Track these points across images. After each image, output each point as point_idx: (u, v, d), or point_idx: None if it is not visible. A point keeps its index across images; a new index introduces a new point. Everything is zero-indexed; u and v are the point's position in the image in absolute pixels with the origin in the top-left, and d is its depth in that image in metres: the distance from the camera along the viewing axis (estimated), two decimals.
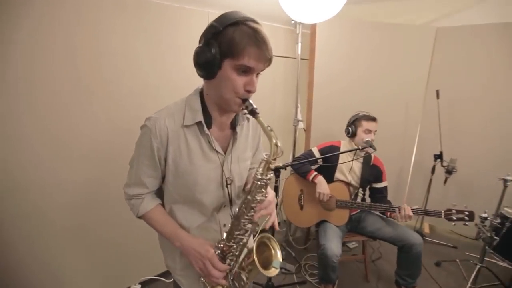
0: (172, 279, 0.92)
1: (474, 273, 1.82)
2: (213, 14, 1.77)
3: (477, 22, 2.24)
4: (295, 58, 2.09)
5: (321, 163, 1.86)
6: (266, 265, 0.80)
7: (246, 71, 0.69)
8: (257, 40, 0.67)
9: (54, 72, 1.29)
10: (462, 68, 2.29)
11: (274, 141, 0.72)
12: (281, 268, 0.79)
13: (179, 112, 0.78)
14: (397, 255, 1.76)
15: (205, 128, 0.77)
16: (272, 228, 0.86)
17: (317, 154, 1.83)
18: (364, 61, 2.26)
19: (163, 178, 0.83)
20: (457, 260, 2.14)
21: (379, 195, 1.85)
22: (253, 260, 0.75)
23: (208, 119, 0.78)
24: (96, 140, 1.46)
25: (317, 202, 1.77)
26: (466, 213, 1.54)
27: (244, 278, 0.80)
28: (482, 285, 1.84)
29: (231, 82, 0.70)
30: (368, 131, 1.71)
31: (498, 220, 1.70)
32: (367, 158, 1.80)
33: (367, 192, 1.93)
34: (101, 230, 1.57)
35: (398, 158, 2.55)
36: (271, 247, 0.83)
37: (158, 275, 1.88)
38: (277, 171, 1.52)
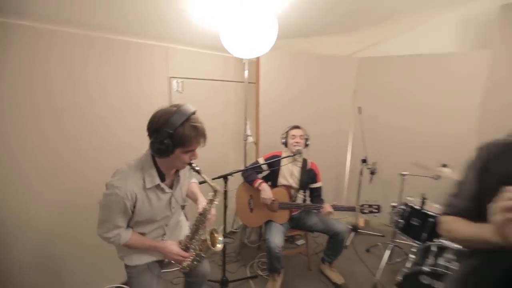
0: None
1: (389, 252, 2.29)
2: (172, 48, 2.07)
3: (391, 53, 2.84)
4: (243, 82, 2.45)
5: (268, 171, 2.21)
6: (214, 245, 1.24)
7: (191, 151, 1.08)
8: (198, 133, 1.04)
9: (34, 98, 1.46)
10: (380, 89, 2.85)
11: (214, 187, 1.23)
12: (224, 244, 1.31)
13: (139, 177, 1.10)
14: (327, 241, 2.17)
15: (162, 185, 1.15)
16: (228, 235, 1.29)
17: (261, 161, 2.17)
18: (301, 85, 2.71)
19: None
20: (379, 243, 2.63)
21: (315, 194, 2.23)
22: (207, 244, 1.21)
23: (163, 178, 1.15)
24: (67, 154, 1.63)
25: (263, 205, 2.10)
26: (375, 206, 1.98)
27: (202, 255, 1.27)
28: (396, 261, 2.32)
29: (181, 159, 1.08)
30: (294, 136, 2.11)
31: (403, 207, 2.18)
32: (304, 164, 2.19)
33: (308, 193, 2.31)
34: (67, 243, 1.71)
35: (335, 164, 3.02)
36: (216, 235, 1.28)
37: (122, 283, 2.03)
38: (225, 178, 1.82)
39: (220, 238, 1.27)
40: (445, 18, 2.68)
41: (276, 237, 1.95)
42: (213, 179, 1.60)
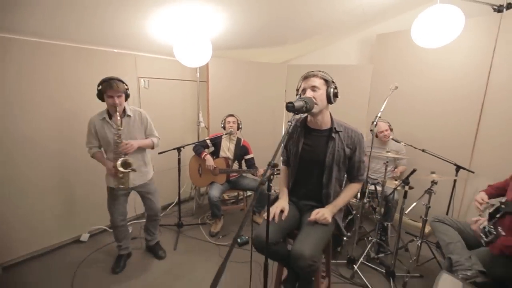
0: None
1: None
2: (140, 56, 2.82)
3: (317, 63, 3.77)
4: (196, 81, 3.25)
5: (213, 148, 3.05)
6: (125, 168, 2.02)
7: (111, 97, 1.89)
8: (110, 84, 1.86)
9: (27, 94, 2.18)
10: None
11: (118, 127, 2.14)
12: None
13: (99, 115, 1.96)
14: (253, 197, 3.04)
15: (107, 119, 1.97)
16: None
17: (208, 142, 3.01)
18: (242, 84, 3.55)
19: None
20: None
21: (250, 163, 3.10)
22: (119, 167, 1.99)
23: (109, 116, 1.97)
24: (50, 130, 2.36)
25: (208, 171, 2.94)
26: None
27: (123, 171, 2.03)
28: None
29: (108, 102, 1.90)
30: (229, 122, 2.98)
31: None
32: (238, 141, 3.06)
33: (243, 164, 3.19)
34: (68, 184, 2.47)
35: (272, 143, 3.93)
36: (128, 162, 2.03)
37: (105, 226, 2.79)
38: (178, 149, 2.64)
39: (131, 163, 2.04)
40: (351, 39, 3.65)
41: (215, 191, 2.80)
42: (171, 149, 2.50)
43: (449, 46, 2.59)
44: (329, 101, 1.47)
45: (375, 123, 2.09)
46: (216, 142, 2.98)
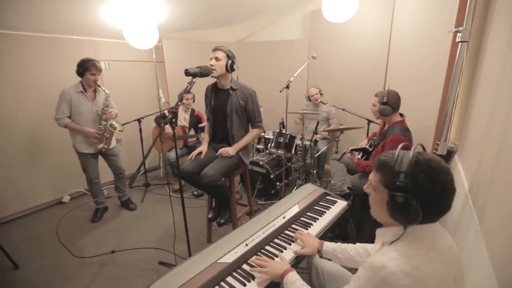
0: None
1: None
2: (99, 42, 3.23)
3: (266, 39, 4.21)
4: (153, 61, 3.69)
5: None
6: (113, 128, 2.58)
7: (94, 74, 2.35)
8: (94, 64, 2.34)
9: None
10: (257, 66, 4.25)
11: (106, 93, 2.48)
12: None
13: (75, 88, 2.39)
14: None
15: (84, 93, 2.42)
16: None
17: (166, 112, 3.51)
18: (196, 62, 3.98)
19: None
20: None
21: (203, 130, 3.63)
22: (108, 128, 2.57)
23: (85, 90, 2.42)
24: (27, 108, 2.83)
25: (167, 138, 3.45)
26: None
27: (106, 135, 2.57)
28: None
29: (90, 78, 2.37)
30: (187, 99, 3.46)
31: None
32: (192, 112, 3.56)
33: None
34: (48, 154, 2.98)
35: None
36: (114, 125, 2.58)
37: (84, 189, 3.33)
38: (139, 120, 3.14)
39: (117, 126, 2.56)
40: (294, 16, 4.06)
41: (173, 154, 3.34)
42: (133, 120, 3.02)
43: (359, 19, 3.10)
44: (227, 69, 1.98)
45: (285, 86, 2.60)
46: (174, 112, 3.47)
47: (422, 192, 0.73)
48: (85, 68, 2.44)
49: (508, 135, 0.92)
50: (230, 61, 2.00)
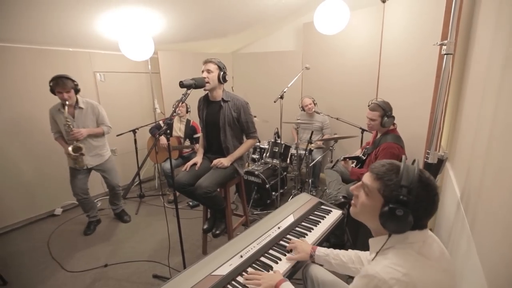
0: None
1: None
2: (94, 53, 3.26)
3: (260, 50, 4.29)
4: (148, 72, 3.72)
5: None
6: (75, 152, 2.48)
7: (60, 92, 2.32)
8: (57, 83, 2.30)
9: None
10: (252, 77, 4.31)
11: (66, 116, 2.43)
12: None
13: (58, 105, 2.39)
14: None
15: (61, 110, 2.40)
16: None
17: (161, 123, 3.51)
18: (191, 73, 4.03)
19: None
20: None
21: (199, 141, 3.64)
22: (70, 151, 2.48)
23: (63, 108, 2.39)
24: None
25: (163, 149, 3.45)
26: None
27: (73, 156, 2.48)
28: None
29: (59, 97, 2.34)
30: (180, 109, 3.47)
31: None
32: (188, 122, 3.57)
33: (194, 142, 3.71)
34: (40, 165, 2.93)
35: None
36: (79, 146, 2.48)
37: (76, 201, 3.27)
38: (134, 132, 3.13)
39: (81, 147, 2.48)
40: (287, 28, 4.17)
41: (168, 164, 3.33)
42: (127, 131, 3.00)
43: (350, 31, 3.19)
44: (219, 81, 2.01)
45: (279, 96, 2.64)
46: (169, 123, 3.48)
47: (420, 207, 0.77)
48: (51, 88, 2.35)
49: (493, 142, 0.95)
50: (222, 73, 2.03)
